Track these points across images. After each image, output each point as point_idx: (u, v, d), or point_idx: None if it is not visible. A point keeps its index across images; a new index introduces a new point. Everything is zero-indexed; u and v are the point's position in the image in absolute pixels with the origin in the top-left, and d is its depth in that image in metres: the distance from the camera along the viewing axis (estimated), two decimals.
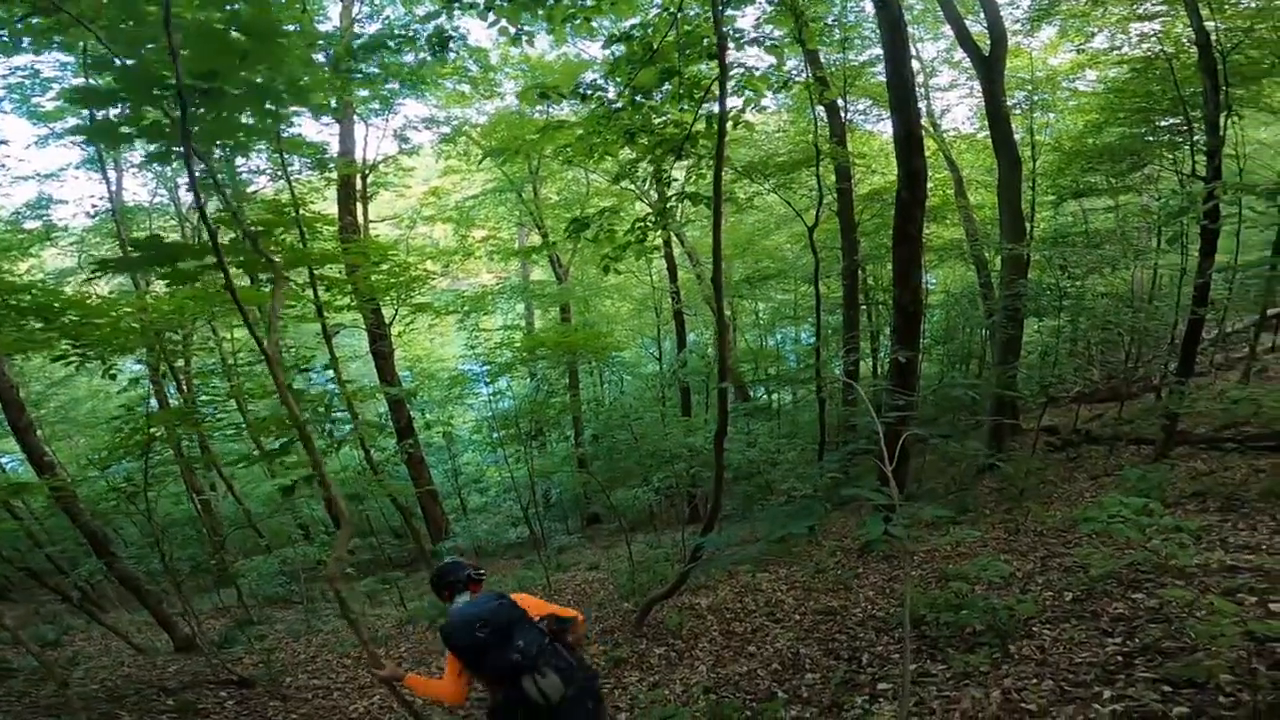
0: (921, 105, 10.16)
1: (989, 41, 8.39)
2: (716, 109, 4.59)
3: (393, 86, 8.95)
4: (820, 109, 8.92)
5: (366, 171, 10.77)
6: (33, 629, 8.15)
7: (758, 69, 5.29)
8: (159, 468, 5.41)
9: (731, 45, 4.96)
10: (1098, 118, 10.35)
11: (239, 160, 8.31)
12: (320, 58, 5.34)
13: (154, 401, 8.00)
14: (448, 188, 14.26)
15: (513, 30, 4.76)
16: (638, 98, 4.96)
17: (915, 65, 10.52)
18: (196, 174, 2.94)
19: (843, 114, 9.59)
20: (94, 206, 10.47)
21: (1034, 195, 11.56)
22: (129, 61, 2.84)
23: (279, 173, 8.50)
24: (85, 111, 8.95)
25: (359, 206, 10.51)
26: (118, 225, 9.85)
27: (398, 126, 13.80)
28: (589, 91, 5.03)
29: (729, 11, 5.08)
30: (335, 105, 7.71)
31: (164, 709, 4.78)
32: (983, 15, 8.80)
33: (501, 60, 11.73)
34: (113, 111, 3.01)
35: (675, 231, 12.00)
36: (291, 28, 3.09)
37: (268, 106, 3.20)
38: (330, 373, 7.95)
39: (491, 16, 4.53)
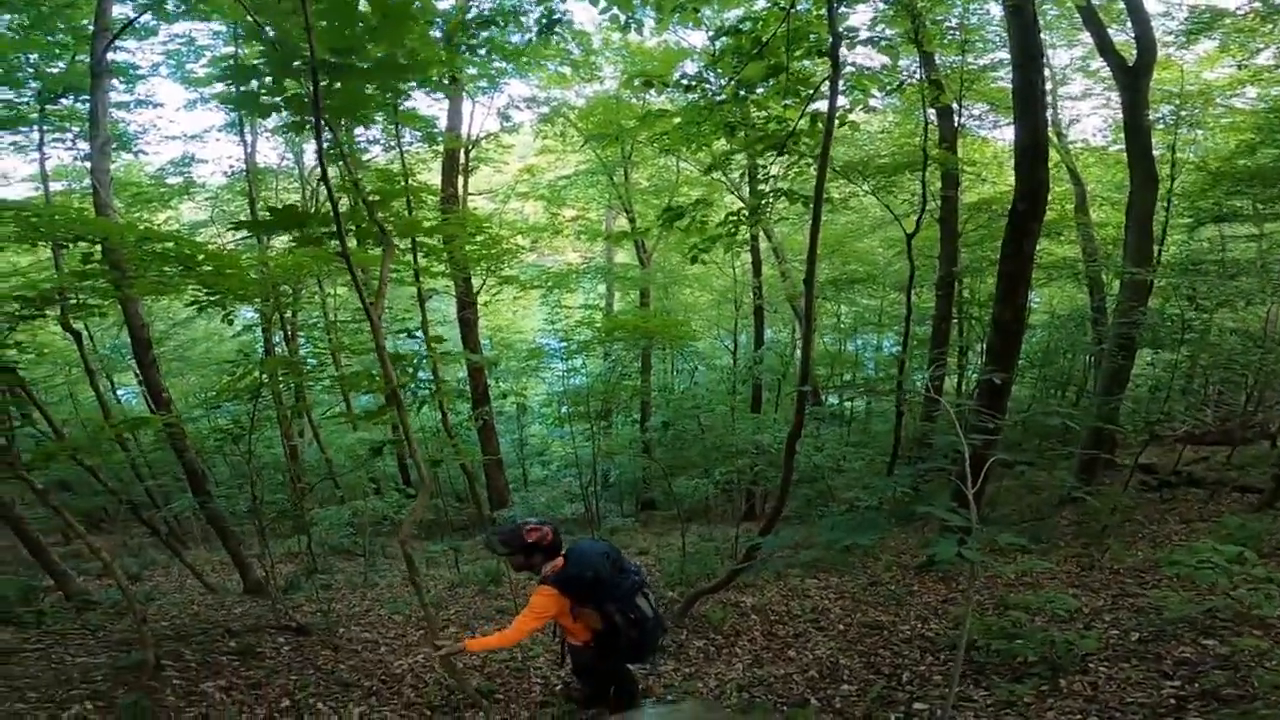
0: (1048, 114, 9.56)
1: (1134, 52, 7.79)
2: (821, 106, 4.51)
3: (500, 65, 9.30)
4: (931, 112, 8.55)
5: (470, 146, 11.19)
6: (118, 561, 8.15)
7: (869, 68, 5.17)
8: (261, 412, 5.63)
9: (844, 44, 4.87)
10: (1253, 138, 9.38)
11: (356, 130, 8.90)
12: (435, 33, 5.62)
13: (260, 348, 8.74)
14: (542, 166, 14.58)
15: (623, 18, 4.86)
16: (741, 91, 4.96)
17: (1045, 72, 9.90)
18: (324, 144, 3.22)
19: (956, 119, 9.11)
20: (230, 167, 11.55)
21: (1167, 217, 10.63)
22: (272, 33, 3.13)
23: (392, 144, 9.09)
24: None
25: (460, 179, 10.92)
26: (249, 185, 10.80)
27: (501, 105, 14.24)
28: (692, 83, 5.08)
29: (842, 9, 4.98)
30: (451, 81, 8.08)
31: (226, 650, 4.93)
32: (1129, 24, 8.15)
33: (603, 44, 11.88)
34: (255, 83, 3.34)
35: (765, 227, 11.85)
36: (415, 4, 3.28)
37: (390, 80, 3.46)
38: (421, 334, 8.40)
39: (603, 3, 4.64)
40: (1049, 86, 11.11)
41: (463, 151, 10.99)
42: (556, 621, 3.35)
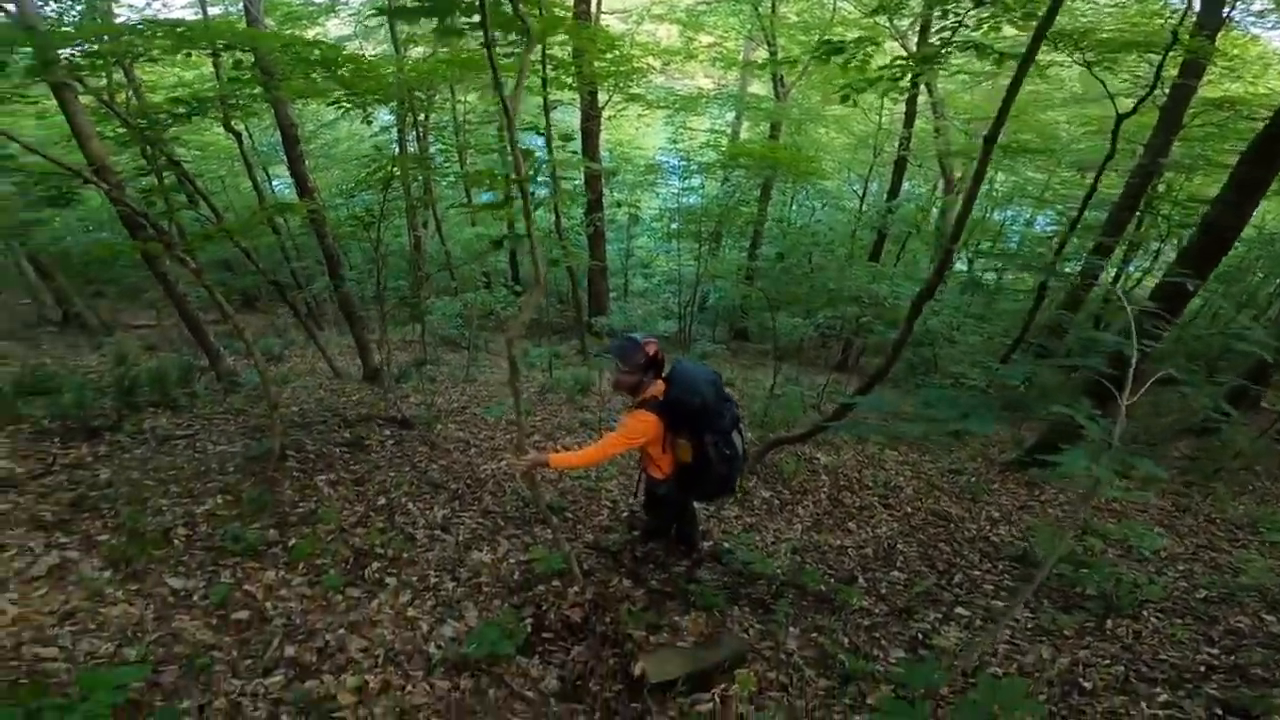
0: None
1: None
2: None
3: None
4: None
5: None
6: (264, 340, 9.22)
7: None
8: (391, 202, 5.76)
9: None
10: None
11: None
12: None
13: (395, 147, 9.01)
14: None
15: None
16: None
17: None
18: None
19: (1226, 8, 7.34)
20: None
21: None
22: None
23: None
24: None
25: None
26: (389, 1, 10.51)
27: None
28: None
29: None
30: None
31: (340, 441, 5.16)
32: None
33: None
34: None
35: (930, 80, 10.37)
36: None
37: None
38: (542, 138, 8.31)
39: None
40: None
41: None
42: (643, 450, 3.14)
